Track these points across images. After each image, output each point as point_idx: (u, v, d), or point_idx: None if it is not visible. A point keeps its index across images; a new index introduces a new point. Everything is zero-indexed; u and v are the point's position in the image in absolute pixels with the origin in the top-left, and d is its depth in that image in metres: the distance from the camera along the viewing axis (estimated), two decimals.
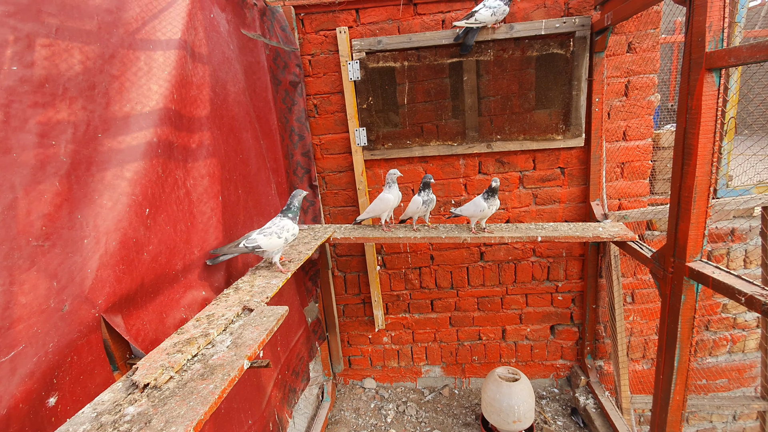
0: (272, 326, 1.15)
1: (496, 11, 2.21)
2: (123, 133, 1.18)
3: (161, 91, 1.32)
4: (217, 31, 1.76)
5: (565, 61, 2.37)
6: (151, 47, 1.32)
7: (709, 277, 1.52)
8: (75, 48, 1.07)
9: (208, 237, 1.58)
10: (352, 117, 2.53)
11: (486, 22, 2.24)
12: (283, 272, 1.62)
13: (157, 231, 1.27)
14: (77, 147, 1.04)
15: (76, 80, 1.06)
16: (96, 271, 1.03)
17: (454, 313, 2.93)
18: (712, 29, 1.47)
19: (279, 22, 2.30)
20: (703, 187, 1.56)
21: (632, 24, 2.31)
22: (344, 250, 2.86)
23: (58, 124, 1.00)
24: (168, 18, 1.40)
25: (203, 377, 0.93)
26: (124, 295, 1.12)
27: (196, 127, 1.55)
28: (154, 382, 0.92)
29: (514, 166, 2.58)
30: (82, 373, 1.01)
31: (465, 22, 2.24)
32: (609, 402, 2.61)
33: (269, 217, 2.13)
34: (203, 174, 1.57)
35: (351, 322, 3.04)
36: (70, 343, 0.97)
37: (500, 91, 2.45)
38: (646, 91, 2.40)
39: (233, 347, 1.05)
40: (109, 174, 1.11)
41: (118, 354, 1.10)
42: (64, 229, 0.98)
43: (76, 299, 0.99)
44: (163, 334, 1.28)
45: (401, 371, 3.13)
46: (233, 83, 1.86)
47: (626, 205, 2.57)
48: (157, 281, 1.27)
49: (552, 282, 2.78)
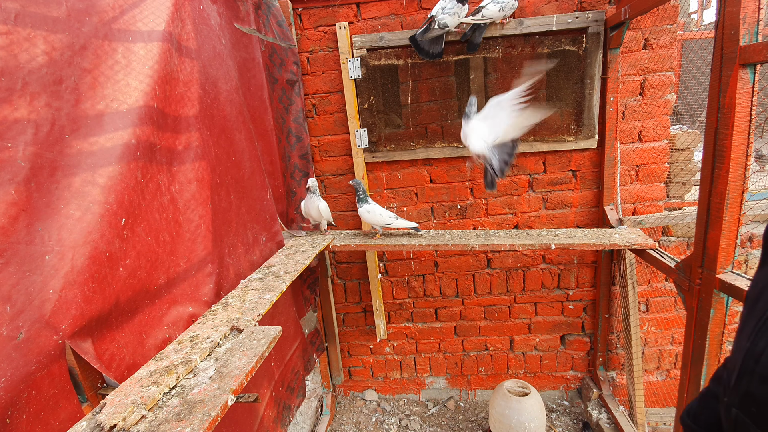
0: (262, 351, 1.02)
1: (504, 6, 2.08)
2: (95, 133, 1.05)
3: (142, 87, 1.19)
4: (207, 24, 1.63)
5: (578, 58, 2.24)
6: (131, 39, 1.20)
7: (743, 291, 1.39)
8: (38, 37, 0.94)
9: (195, 247, 1.45)
10: (353, 117, 2.40)
11: (494, 17, 2.12)
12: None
13: (135, 243, 1.14)
14: (39, 149, 0.91)
15: (39, 73, 0.93)
16: (60, 291, 0.90)
17: (460, 322, 2.80)
18: (746, 21, 1.34)
19: (275, 17, 2.17)
20: (736, 192, 1.43)
21: (648, 19, 2.18)
22: (344, 257, 2.73)
23: (16, 123, 0.87)
24: (150, 7, 1.28)
25: (179, 417, 0.80)
26: (95, 317, 0.99)
27: (183, 128, 1.42)
28: (122, 424, 0.79)
29: (523, 169, 2.45)
30: (42, 409, 0.88)
31: (471, 18, 2.12)
32: (623, 417, 2.48)
33: (264, 223, 2.00)
34: (191, 178, 1.44)
35: (351, 331, 2.90)
36: (27, 377, 0.84)
37: (509, 89, 2.31)
38: (662, 90, 2.28)
39: (217, 378, 0.92)
40: (78, 180, 0.98)
41: (87, 384, 0.96)
42: (20, 244, 0.85)
43: (35, 325, 0.86)
44: (143, 357, 1.15)
45: (404, 383, 3.00)
46: (225, 80, 1.73)
47: (641, 209, 2.44)
48: (135, 298, 1.14)
49: (563, 290, 2.65)
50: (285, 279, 1.56)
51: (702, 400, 0.76)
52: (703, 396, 0.76)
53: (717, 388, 0.72)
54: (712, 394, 0.73)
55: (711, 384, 0.75)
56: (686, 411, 0.78)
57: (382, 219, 2.15)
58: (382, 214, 2.16)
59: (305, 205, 2.14)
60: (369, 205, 2.17)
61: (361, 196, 2.17)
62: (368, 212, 2.16)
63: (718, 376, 0.72)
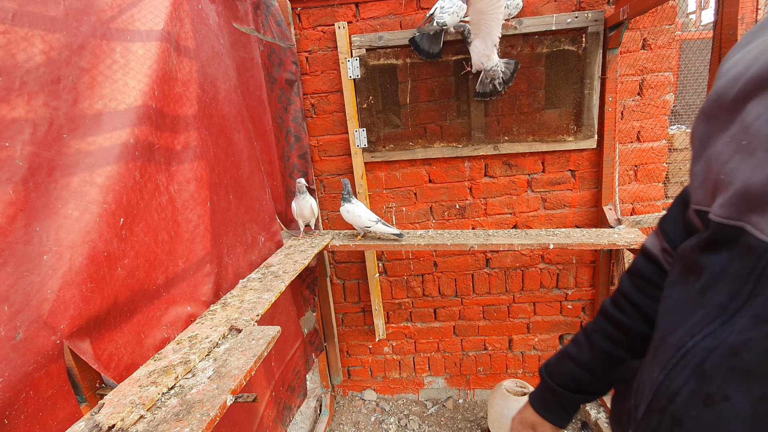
0: (261, 351, 1.01)
1: (509, 5, 2.08)
2: (94, 133, 1.04)
3: (140, 87, 1.19)
4: (205, 24, 1.63)
5: (577, 58, 2.24)
6: (129, 38, 1.19)
7: None
8: (36, 36, 0.94)
9: (194, 247, 1.44)
10: (352, 117, 2.40)
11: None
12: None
13: (133, 242, 1.14)
14: (37, 149, 0.91)
15: (37, 73, 0.93)
16: (58, 291, 0.90)
17: (459, 322, 2.80)
18: (744, 21, 1.35)
19: (274, 17, 2.17)
20: None
21: (647, 19, 2.19)
22: (343, 257, 2.73)
23: (13, 122, 0.87)
24: (149, 6, 1.27)
25: (178, 417, 0.80)
26: (93, 317, 0.99)
27: (182, 127, 1.41)
28: (120, 424, 0.78)
29: (522, 169, 2.45)
30: (40, 409, 0.87)
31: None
32: None
33: (263, 223, 2.00)
34: (189, 178, 1.43)
35: (350, 331, 2.90)
36: (25, 377, 0.84)
37: (508, 89, 2.32)
38: (661, 90, 2.28)
39: (216, 378, 0.92)
40: (76, 179, 0.98)
41: (85, 384, 0.96)
42: (18, 244, 0.85)
43: (33, 325, 0.86)
44: (141, 357, 1.15)
45: (403, 382, 3.00)
46: (224, 80, 1.73)
47: (640, 209, 2.45)
48: (133, 298, 1.14)
49: (561, 290, 2.65)
50: (284, 279, 1.55)
51: (559, 357, 0.83)
52: (560, 354, 0.83)
53: (573, 350, 0.80)
54: (567, 354, 0.81)
55: (569, 344, 0.82)
56: (544, 364, 0.85)
57: (360, 221, 2.11)
58: (361, 215, 2.10)
59: (297, 205, 2.12)
60: (350, 204, 2.10)
61: (345, 195, 2.12)
62: (347, 212, 2.11)
63: (575, 340, 0.81)
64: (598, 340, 0.76)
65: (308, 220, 2.20)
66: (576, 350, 0.79)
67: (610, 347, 0.74)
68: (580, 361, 0.78)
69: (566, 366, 0.80)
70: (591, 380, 0.77)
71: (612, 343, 0.74)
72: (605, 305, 0.78)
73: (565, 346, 0.84)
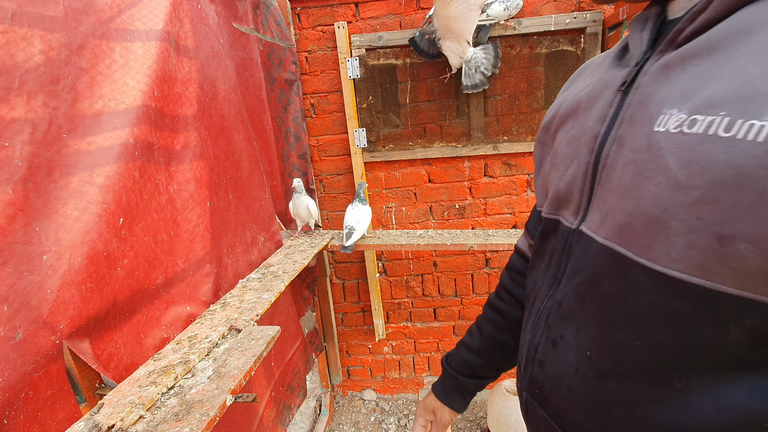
0: (261, 351, 1.01)
1: (509, 5, 2.08)
2: (93, 133, 1.04)
3: (140, 86, 1.19)
4: (205, 24, 1.63)
5: (576, 58, 2.24)
6: (128, 38, 1.19)
7: None
8: (35, 36, 0.94)
9: (194, 247, 1.44)
10: (351, 117, 2.40)
11: (498, 17, 2.12)
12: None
13: (133, 242, 1.13)
14: (36, 149, 0.91)
15: (36, 72, 0.93)
16: (57, 291, 0.90)
17: (458, 321, 2.80)
18: None
19: (273, 16, 2.17)
20: None
21: None
22: (343, 257, 2.73)
23: (13, 122, 0.87)
24: (148, 6, 1.27)
25: (178, 417, 0.79)
26: (93, 317, 0.99)
27: (181, 127, 1.41)
28: (120, 424, 0.78)
29: (521, 169, 2.45)
30: (40, 409, 0.87)
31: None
32: None
33: (263, 223, 2.00)
34: (189, 178, 1.43)
35: (350, 331, 2.90)
36: (25, 377, 0.83)
37: (507, 89, 2.32)
38: None
39: (215, 378, 0.92)
40: (76, 179, 0.98)
41: (85, 384, 0.96)
42: (17, 244, 0.85)
43: (33, 325, 0.86)
44: (141, 357, 1.14)
45: (402, 382, 3.00)
46: (223, 80, 1.73)
47: None
48: (133, 298, 1.14)
49: None
50: (284, 279, 1.55)
51: (457, 347, 0.94)
52: (458, 344, 0.94)
53: (467, 338, 0.91)
54: (463, 343, 0.92)
55: (465, 335, 0.94)
56: (445, 355, 0.96)
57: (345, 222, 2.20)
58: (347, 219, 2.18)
59: (293, 205, 2.13)
60: (350, 206, 2.21)
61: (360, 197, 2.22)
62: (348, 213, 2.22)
63: (470, 330, 0.93)
64: (485, 327, 0.89)
65: (306, 221, 2.20)
66: (469, 339, 0.91)
67: (495, 332, 0.87)
68: (472, 347, 0.90)
69: (462, 353, 0.91)
70: (482, 364, 0.88)
71: (496, 328, 0.87)
72: (491, 298, 0.92)
73: (463, 337, 0.95)
